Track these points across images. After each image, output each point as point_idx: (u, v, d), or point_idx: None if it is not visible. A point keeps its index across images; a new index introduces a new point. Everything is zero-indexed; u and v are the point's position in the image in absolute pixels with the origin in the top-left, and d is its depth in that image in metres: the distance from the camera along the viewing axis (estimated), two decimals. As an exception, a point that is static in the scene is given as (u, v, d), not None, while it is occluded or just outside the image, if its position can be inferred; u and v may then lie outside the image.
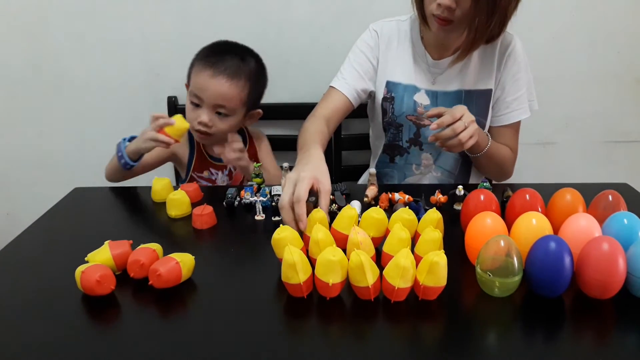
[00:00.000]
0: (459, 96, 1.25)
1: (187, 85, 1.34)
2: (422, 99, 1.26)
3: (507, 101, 1.24)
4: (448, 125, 1.04)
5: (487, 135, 1.19)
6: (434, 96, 1.26)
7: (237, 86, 1.28)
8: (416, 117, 1.28)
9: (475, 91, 1.24)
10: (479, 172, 1.37)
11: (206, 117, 1.27)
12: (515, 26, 1.31)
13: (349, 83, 1.26)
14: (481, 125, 1.20)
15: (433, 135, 1.08)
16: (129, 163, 1.23)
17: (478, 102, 1.24)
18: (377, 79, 1.30)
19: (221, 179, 1.42)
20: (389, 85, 1.28)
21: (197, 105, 1.29)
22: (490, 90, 1.25)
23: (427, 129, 1.27)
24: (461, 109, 1.06)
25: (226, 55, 1.28)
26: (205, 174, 1.41)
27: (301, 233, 0.86)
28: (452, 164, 1.32)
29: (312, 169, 0.93)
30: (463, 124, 1.03)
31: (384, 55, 1.28)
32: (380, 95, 1.29)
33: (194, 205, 1.08)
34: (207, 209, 1.02)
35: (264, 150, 1.47)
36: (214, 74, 1.26)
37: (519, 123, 1.28)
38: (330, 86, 1.28)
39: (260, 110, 1.39)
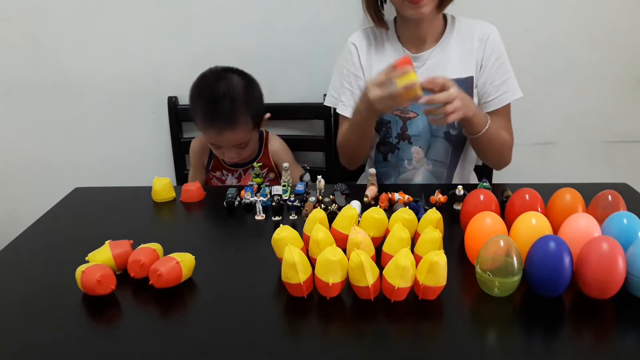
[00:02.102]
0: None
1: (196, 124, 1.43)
2: None
3: (495, 85, 1.25)
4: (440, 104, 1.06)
5: (486, 116, 1.19)
6: None
7: (243, 125, 1.35)
8: (401, 112, 1.29)
9: (456, 80, 1.24)
10: (470, 162, 1.37)
11: (231, 154, 1.40)
12: (515, 26, 1.32)
13: (349, 105, 1.31)
14: None
15: (425, 110, 1.09)
16: None
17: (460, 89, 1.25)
18: (364, 84, 1.32)
19: (230, 180, 1.51)
20: None
21: (217, 147, 1.41)
22: (472, 77, 1.26)
23: (413, 123, 1.30)
24: (450, 83, 1.07)
25: (218, 105, 1.32)
26: (218, 173, 1.52)
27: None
28: (443, 155, 1.32)
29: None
30: (454, 94, 1.05)
31: (366, 63, 1.32)
32: None
33: (194, 205, 1.13)
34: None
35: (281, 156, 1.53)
36: (219, 131, 1.33)
37: (509, 106, 1.29)
38: (339, 114, 1.33)
39: (268, 114, 1.45)
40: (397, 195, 1.08)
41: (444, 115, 1.05)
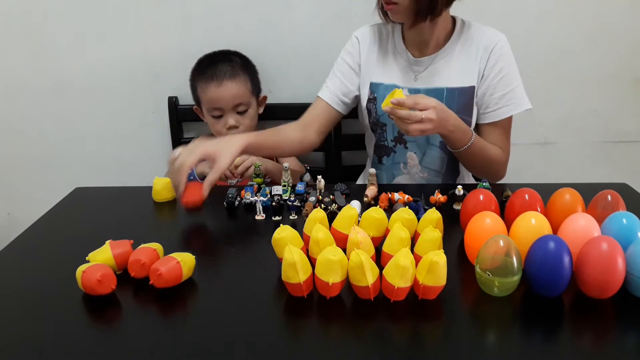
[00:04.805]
0: (440, 94, 1.24)
1: (197, 109, 1.52)
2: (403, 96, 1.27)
3: (495, 98, 1.23)
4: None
5: (472, 132, 1.16)
6: (416, 93, 1.25)
7: (241, 81, 1.45)
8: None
9: (458, 89, 1.23)
10: (466, 172, 1.36)
11: (232, 120, 1.43)
12: (515, 26, 1.32)
13: (331, 90, 1.33)
14: (465, 123, 1.17)
15: (389, 106, 1.05)
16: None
17: (460, 99, 1.24)
18: (360, 82, 1.32)
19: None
20: (372, 87, 1.30)
21: (218, 117, 1.45)
22: (473, 87, 1.24)
23: None
24: (430, 102, 1.05)
25: (217, 64, 1.45)
26: None
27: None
28: (438, 164, 1.31)
29: (215, 145, 1.07)
30: (421, 116, 1.03)
31: (366, 60, 1.31)
32: (365, 97, 1.32)
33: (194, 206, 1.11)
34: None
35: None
36: (219, 82, 1.42)
37: (509, 120, 1.25)
38: (317, 96, 1.35)
39: (265, 95, 1.55)
40: (397, 195, 1.08)
41: (404, 128, 1.05)
